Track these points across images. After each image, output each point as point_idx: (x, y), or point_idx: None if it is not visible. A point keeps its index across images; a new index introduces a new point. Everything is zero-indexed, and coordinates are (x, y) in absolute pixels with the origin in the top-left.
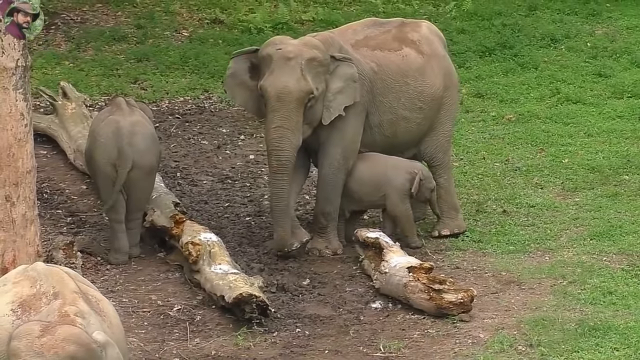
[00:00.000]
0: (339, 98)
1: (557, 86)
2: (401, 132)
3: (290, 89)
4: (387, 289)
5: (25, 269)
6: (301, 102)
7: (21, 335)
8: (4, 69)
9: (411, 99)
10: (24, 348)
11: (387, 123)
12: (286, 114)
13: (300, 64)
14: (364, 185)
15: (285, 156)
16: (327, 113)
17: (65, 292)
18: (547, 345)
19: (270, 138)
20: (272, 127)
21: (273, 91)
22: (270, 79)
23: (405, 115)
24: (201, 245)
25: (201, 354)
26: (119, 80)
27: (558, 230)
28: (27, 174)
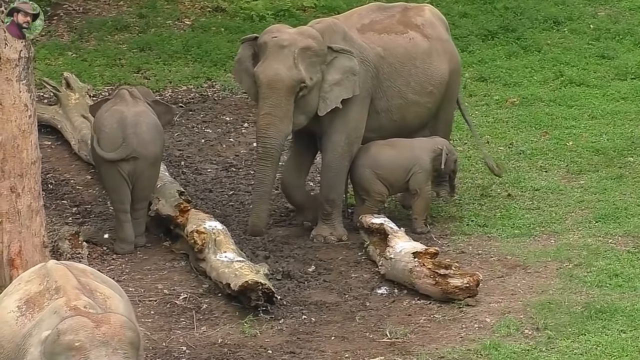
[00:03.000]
0: (336, 90)
1: (560, 69)
2: (411, 117)
3: (281, 77)
4: (392, 275)
5: (40, 267)
6: (292, 91)
7: (75, 329)
8: (7, 61)
9: (421, 82)
10: (87, 339)
11: (395, 108)
12: (276, 102)
13: (293, 53)
14: (394, 171)
15: (271, 143)
16: (322, 104)
17: (67, 287)
18: (553, 328)
19: (259, 125)
20: (261, 114)
21: (264, 78)
22: (263, 66)
23: (416, 99)
24: (206, 233)
25: (208, 342)
26: (122, 70)
27: (563, 213)
28: (32, 165)
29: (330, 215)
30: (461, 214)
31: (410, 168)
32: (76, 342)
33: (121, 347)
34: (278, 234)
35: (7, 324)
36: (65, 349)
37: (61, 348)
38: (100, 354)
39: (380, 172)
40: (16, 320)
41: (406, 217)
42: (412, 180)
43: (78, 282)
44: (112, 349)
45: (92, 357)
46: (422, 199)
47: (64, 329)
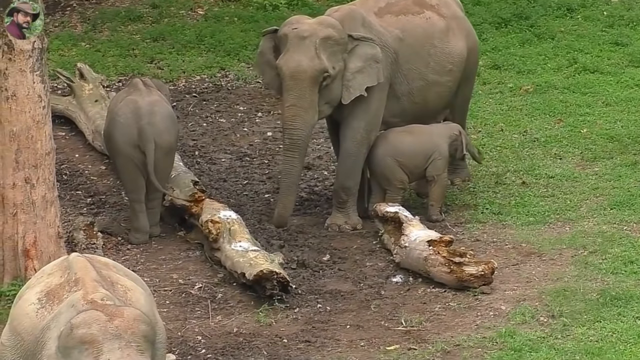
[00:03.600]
0: (359, 78)
1: (574, 56)
2: (432, 98)
3: (304, 68)
4: (407, 263)
5: (62, 260)
6: (315, 81)
7: (88, 322)
8: (21, 52)
9: (440, 62)
10: (100, 332)
11: (417, 90)
12: (300, 93)
13: (314, 43)
14: (414, 158)
15: (297, 134)
16: (346, 93)
17: (86, 280)
18: (569, 315)
19: (284, 116)
20: (286, 106)
21: (287, 70)
22: (285, 58)
23: (436, 79)
24: (221, 223)
25: (223, 331)
26: (136, 61)
27: (578, 201)
28: (46, 156)
29: (345, 203)
30: (476, 202)
31: (430, 155)
32: (89, 336)
33: (134, 340)
34: (293, 223)
35: (27, 316)
36: (78, 342)
37: (74, 342)
38: (113, 346)
39: (401, 159)
40: (36, 313)
41: (421, 206)
42: (430, 167)
43: (98, 274)
44: (125, 342)
45: (104, 350)
46: (439, 186)
47: (77, 323)
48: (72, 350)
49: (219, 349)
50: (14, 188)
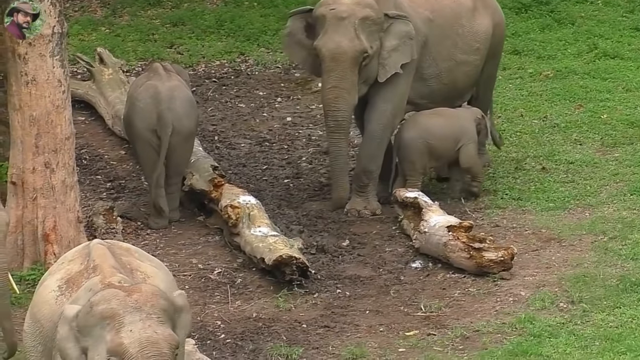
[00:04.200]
0: (394, 56)
1: (594, 41)
2: (461, 78)
3: (345, 49)
4: (426, 249)
5: (84, 246)
6: (356, 62)
7: (107, 298)
8: (41, 36)
9: (468, 41)
10: (120, 307)
11: (445, 71)
12: (341, 74)
13: (353, 24)
14: (445, 141)
15: (342, 116)
16: (382, 71)
17: (104, 266)
18: (588, 301)
19: (327, 98)
20: (328, 88)
21: (327, 52)
22: (324, 39)
23: (464, 59)
24: (240, 208)
25: (242, 316)
26: (155, 45)
27: (598, 186)
28: (66, 141)
29: (366, 187)
30: (495, 187)
31: (460, 138)
32: (109, 310)
33: (154, 312)
34: (312, 208)
35: (47, 303)
36: (99, 319)
37: (95, 319)
38: (135, 319)
39: (432, 142)
40: (55, 300)
41: (440, 191)
42: (463, 153)
43: (117, 261)
44: (145, 314)
45: (126, 323)
46: (477, 166)
47: (95, 301)
48: (93, 328)
49: (238, 333)
50: (33, 172)
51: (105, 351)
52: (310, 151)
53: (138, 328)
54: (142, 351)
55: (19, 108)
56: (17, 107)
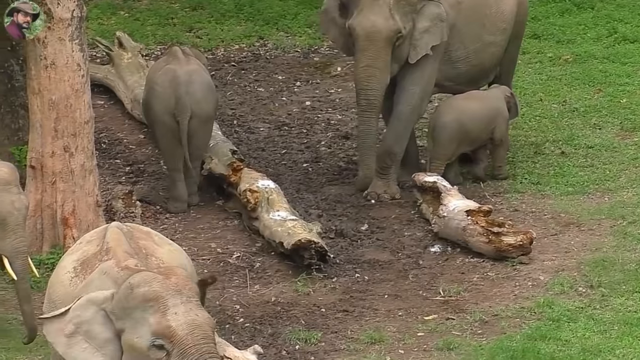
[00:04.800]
0: (426, 37)
1: (614, 26)
2: (488, 59)
3: (379, 29)
4: (445, 233)
5: (102, 228)
6: (390, 42)
7: (148, 281)
8: (60, 20)
9: (494, 22)
10: (163, 289)
11: (473, 53)
12: (375, 54)
13: (388, 4)
14: (481, 124)
15: (373, 95)
16: (414, 52)
17: (118, 250)
18: (607, 286)
19: (359, 77)
20: (361, 67)
21: (362, 31)
22: (359, 18)
23: (491, 40)
24: (259, 192)
25: (261, 300)
26: (174, 29)
27: (617, 171)
28: (85, 125)
29: (388, 170)
30: (514, 171)
31: (494, 119)
32: (152, 293)
33: (192, 295)
34: (331, 193)
35: (62, 284)
36: (141, 301)
37: (136, 301)
38: (177, 302)
39: (469, 125)
40: (70, 281)
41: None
42: (497, 130)
43: (132, 245)
44: (185, 297)
45: (170, 305)
46: (503, 148)
47: (136, 282)
48: (134, 310)
49: (257, 317)
50: (52, 157)
51: (150, 333)
52: (329, 135)
53: (182, 311)
54: (190, 334)
55: (38, 92)
56: (36, 91)
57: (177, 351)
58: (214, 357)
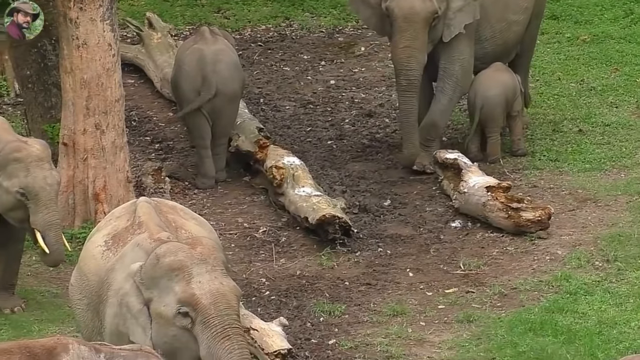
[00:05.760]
0: (459, 16)
1: (630, 7)
2: (511, 37)
3: (417, 10)
4: (466, 208)
5: (131, 204)
6: (427, 22)
7: (174, 251)
8: (91, 1)
9: (517, 1)
10: (187, 258)
11: (499, 32)
12: (413, 34)
13: None
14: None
15: (413, 74)
16: (447, 31)
17: (150, 224)
18: (623, 260)
19: (399, 58)
20: (400, 47)
21: (400, 12)
22: (397, 0)
23: (515, 19)
24: (285, 168)
25: (286, 274)
26: (203, 10)
27: (633, 148)
28: (116, 103)
29: (432, 142)
30: (533, 149)
31: (518, 89)
32: (178, 262)
33: (218, 264)
34: (354, 169)
35: (93, 258)
36: (167, 270)
37: (162, 270)
38: (201, 270)
39: (509, 96)
40: (102, 255)
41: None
42: (516, 103)
43: (162, 219)
44: (210, 266)
45: (194, 274)
46: (521, 120)
47: (162, 253)
48: (160, 279)
49: (282, 290)
50: (84, 134)
51: (176, 301)
52: (353, 113)
53: (206, 279)
54: (214, 302)
55: (70, 71)
56: (68, 70)
57: (200, 320)
58: (236, 327)
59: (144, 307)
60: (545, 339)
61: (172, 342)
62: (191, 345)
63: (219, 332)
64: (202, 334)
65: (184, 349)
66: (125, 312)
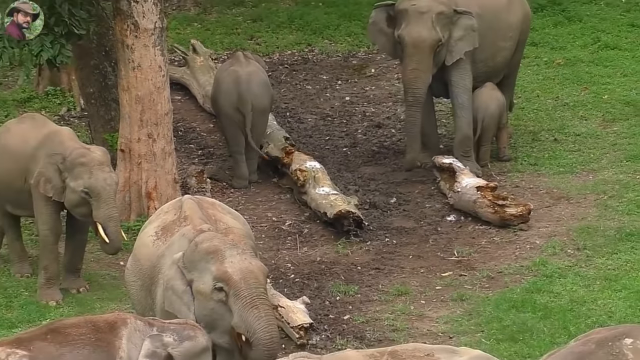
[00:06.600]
0: (460, 44)
1: (597, 35)
2: (499, 61)
3: (424, 38)
4: (459, 205)
5: (177, 200)
6: (432, 49)
7: (209, 238)
8: (145, 30)
9: (504, 30)
10: (221, 244)
11: (490, 56)
12: (420, 59)
13: (431, 17)
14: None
15: (419, 92)
16: (449, 56)
17: (194, 217)
18: (591, 248)
19: (407, 78)
20: (409, 69)
21: (410, 40)
22: (408, 29)
23: (503, 45)
24: (307, 171)
25: (308, 259)
26: (238, 38)
27: (600, 154)
28: (165, 116)
29: (469, 152)
30: (516, 155)
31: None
32: (213, 247)
33: (247, 248)
34: (366, 172)
35: (146, 246)
36: (204, 254)
37: (200, 254)
38: (233, 253)
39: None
40: (153, 243)
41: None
42: (503, 117)
43: (203, 213)
44: (241, 250)
45: (227, 256)
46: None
47: (200, 240)
48: (199, 262)
49: (305, 274)
50: (138, 142)
51: (212, 279)
52: (364, 125)
53: (237, 260)
54: (244, 278)
55: (127, 89)
56: (125, 88)
57: (233, 293)
58: (263, 298)
59: (187, 288)
60: (526, 314)
61: (211, 315)
62: (227, 316)
63: (248, 302)
64: (234, 305)
65: (221, 319)
66: (171, 294)
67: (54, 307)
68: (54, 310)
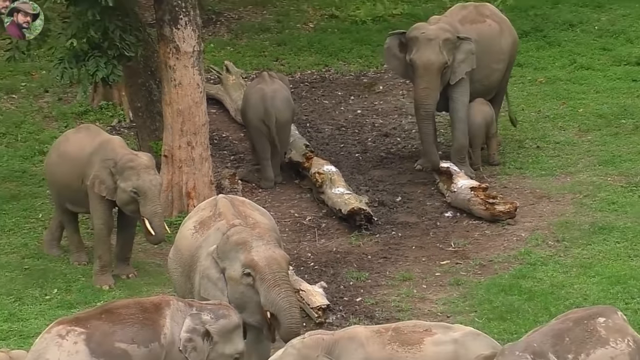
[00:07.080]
0: (462, 66)
1: (574, 57)
2: (492, 81)
3: (433, 61)
4: (456, 203)
5: (212, 199)
6: (440, 70)
7: (239, 232)
8: (185, 53)
9: (497, 54)
10: (248, 236)
11: (484, 76)
12: (430, 79)
13: (439, 43)
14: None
15: (430, 108)
16: (453, 76)
17: (227, 214)
18: (569, 240)
19: (419, 96)
20: (421, 88)
21: (421, 63)
22: (418, 54)
23: (496, 67)
24: (324, 174)
25: (325, 250)
26: (265, 59)
27: (576, 159)
28: (202, 126)
29: (465, 158)
30: (504, 160)
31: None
32: (243, 239)
33: (272, 240)
34: (375, 174)
35: (186, 238)
36: (234, 245)
37: (231, 246)
38: (259, 244)
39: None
40: (192, 236)
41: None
42: (492, 127)
43: (235, 210)
44: (266, 241)
45: (254, 246)
46: (496, 139)
47: (231, 233)
48: (229, 252)
49: (322, 262)
50: (179, 149)
51: (241, 266)
52: (374, 134)
53: (262, 249)
54: (268, 264)
55: (169, 103)
56: (168, 103)
57: (259, 277)
58: (285, 280)
59: (221, 275)
60: (513, 297)
61: (241, 297)
62: (255, 297)
63: (272, 284)
64: (260, 287)
65: (250, 301)
66: (206, 282)
67: (107, 291)
68: (107, 294)
